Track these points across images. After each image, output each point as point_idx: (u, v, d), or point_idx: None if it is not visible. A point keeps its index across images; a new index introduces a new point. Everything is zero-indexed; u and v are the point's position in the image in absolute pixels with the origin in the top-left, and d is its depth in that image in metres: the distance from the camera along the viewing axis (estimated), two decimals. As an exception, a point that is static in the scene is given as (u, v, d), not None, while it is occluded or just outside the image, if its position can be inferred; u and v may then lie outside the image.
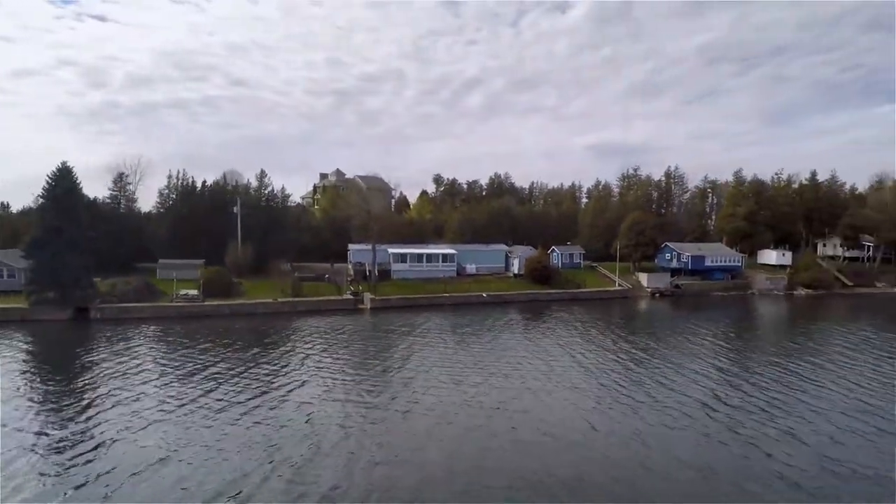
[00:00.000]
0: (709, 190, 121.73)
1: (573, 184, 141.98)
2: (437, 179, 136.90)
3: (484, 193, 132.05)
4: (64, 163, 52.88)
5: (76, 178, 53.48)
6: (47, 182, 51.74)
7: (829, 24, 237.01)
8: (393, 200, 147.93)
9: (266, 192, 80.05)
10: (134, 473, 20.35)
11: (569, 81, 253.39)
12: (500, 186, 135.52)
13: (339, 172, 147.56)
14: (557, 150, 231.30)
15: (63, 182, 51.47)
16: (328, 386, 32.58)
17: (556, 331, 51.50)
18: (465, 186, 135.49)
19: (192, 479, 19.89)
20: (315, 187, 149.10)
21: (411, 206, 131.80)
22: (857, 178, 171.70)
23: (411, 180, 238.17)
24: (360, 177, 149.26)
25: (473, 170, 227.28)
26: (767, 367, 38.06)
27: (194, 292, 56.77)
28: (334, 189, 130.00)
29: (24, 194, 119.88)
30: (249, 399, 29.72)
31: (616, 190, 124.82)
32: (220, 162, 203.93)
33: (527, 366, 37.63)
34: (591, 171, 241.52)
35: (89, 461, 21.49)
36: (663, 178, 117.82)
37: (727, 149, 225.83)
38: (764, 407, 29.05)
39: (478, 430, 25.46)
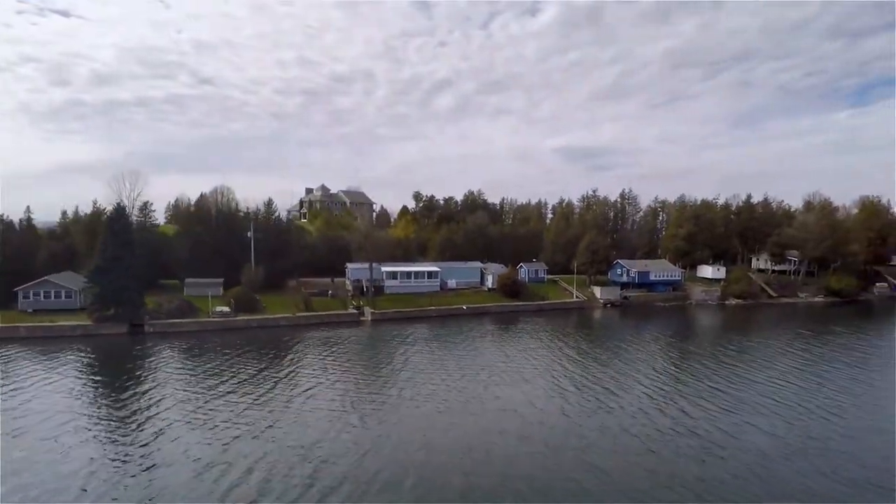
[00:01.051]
0: (659, 209, 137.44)
1: (539, 201, 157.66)
2: (417, 196, 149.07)
3: (459, 209, 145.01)
4: (118, 203, 64.08)
5: (130, 216, 64.66)
6: (108, 218, 63.01)
7: (792, 31, 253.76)
8: (374, 214, 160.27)
9: (273, 217, 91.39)
10: (251, 437, 32.64)
11: (537, 84, 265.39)
12: (473, 202, 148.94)
13: (324, 188, 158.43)
14: (527, 152, 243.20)
15: (120, 220, 62.63)
16: (351, 377, 46.08)
17: (522, 337, 65.22)
18: (441, 202, 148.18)
19: (291, 439, 32.26)
20: (301, 202, 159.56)
21: (393, 223, 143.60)
22: (815, 181, 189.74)
23: (383, 180, 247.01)
24: (344, 192, 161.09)
25: (444, 169, 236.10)
26: (681, 362, 52.34)
27: (227, 309, 68.15)
28: (328, 211, 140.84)
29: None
30: (294, 387, 42.81)
31: (577, 209, 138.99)
32: (190, 161, 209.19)
33: (494, 365, 50.80)
34: (560, 174, 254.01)
35: (205, 433, 33.53)
36: (619, 199, 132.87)
37: (696, 150, 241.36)
38: (648, 388, 42.88)
39: (452, 409, 38.50)
